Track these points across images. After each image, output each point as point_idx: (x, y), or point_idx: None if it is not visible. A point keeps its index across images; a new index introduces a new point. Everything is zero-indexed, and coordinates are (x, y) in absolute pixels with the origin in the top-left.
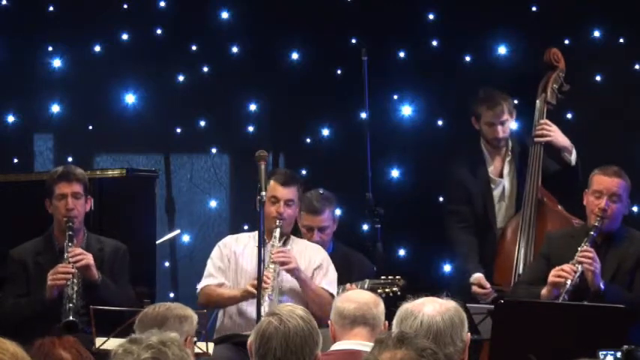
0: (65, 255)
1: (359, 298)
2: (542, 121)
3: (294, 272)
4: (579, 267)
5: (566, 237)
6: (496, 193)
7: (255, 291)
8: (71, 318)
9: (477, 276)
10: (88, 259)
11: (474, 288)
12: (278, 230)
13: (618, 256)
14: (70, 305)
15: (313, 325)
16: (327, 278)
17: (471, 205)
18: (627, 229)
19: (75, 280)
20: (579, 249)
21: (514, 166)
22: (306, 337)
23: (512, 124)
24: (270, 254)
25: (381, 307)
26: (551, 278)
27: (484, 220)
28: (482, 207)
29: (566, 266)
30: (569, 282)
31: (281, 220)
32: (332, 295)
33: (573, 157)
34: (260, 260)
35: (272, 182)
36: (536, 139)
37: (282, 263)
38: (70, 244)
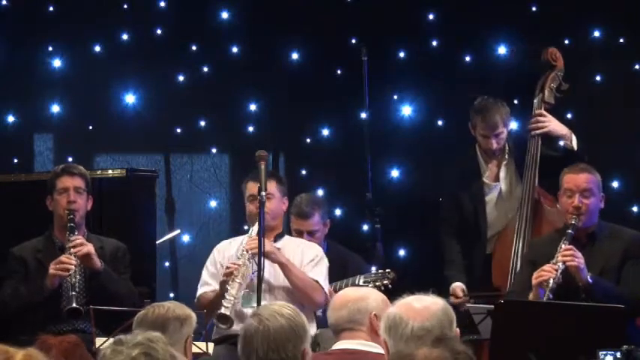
0: (67, 246)
1: (336, 304)
2: (536, 112)
3: (270, 256)
4: (560, 265)
5: (551, 241)
6: (490, 197)
7: (225, 278)
8: (74, 305)
9: (454, 286)
10: (89, 247)
11: (451, 298)
12: (256, 225)
13: (604, 254)
14: (73, 293)
15: (297, 322)
16: (315, 269)
17: (461, 212)
18: (609, 226)
19: (77, 270)
20: (559, 249)
21: (512, 167)
22: (286, 333)
23: (513, 124)
24: (244, 245)
25: (363, 304)
26: (534, 281)
27: (475, 226)
28: (473, 214)
29: (546, 266)
30: (551, 281)
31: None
32: (318, 283)
33: (574, 143)
34: (260, 260)
35: (249, 183)
36: (532, 132)
37: (254, 250)
38: (71, 234)
